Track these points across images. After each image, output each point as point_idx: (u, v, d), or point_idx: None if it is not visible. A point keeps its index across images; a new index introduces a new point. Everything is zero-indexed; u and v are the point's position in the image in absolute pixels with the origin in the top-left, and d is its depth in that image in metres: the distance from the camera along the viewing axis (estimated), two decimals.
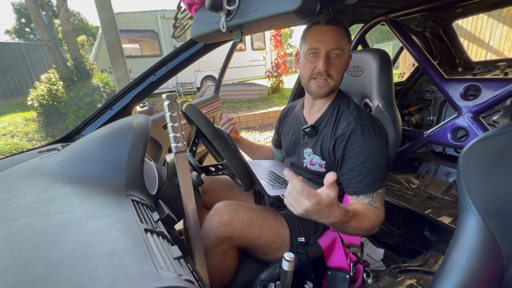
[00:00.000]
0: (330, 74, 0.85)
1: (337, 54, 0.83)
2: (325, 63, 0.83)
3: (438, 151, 1.87)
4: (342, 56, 0.84)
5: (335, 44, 0.82)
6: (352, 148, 0.82)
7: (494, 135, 0.44)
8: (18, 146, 4.60)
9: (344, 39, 0.84)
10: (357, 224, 0.69)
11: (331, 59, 0.84)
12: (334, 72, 0.85)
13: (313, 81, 0.88)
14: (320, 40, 0.83)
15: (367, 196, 0.80)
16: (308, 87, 0.91)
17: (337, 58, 0.84)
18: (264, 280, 0.81)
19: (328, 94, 0.89)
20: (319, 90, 0.88)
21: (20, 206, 0.49)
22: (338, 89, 0.95)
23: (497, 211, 0.42)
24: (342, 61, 0.85)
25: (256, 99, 6.65)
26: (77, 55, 6.27)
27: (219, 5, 0.68)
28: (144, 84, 1.22)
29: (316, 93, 0.89)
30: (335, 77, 0.86)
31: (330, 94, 0.90)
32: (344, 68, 0.88)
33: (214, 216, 0.82)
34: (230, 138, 1.02)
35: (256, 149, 1.33)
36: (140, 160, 0.66)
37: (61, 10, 6.06)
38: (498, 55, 4.74)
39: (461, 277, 0.43)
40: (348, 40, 0.86)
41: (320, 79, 0.86)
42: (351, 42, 0.88)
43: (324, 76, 0.85)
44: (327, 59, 0.83)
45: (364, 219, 0.71)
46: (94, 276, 0.33)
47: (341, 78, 0.89)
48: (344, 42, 0.84)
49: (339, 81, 0.88)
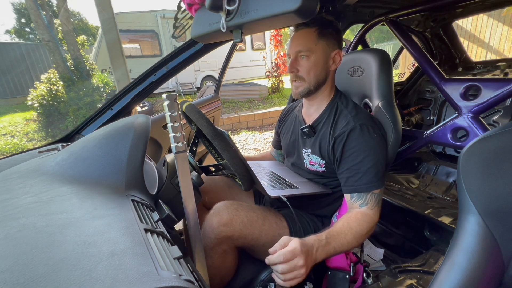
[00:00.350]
0: (300, 76, 0.88)
1: (304, 55, 0.86)
2: (291, 66, 0.88)
3: (438, 151, 1.87)
4: (310, 56, 0.86)
5: (299, 46, 0.86)
6: (351, 147, 0.82)
7: (494, 135, 0.44)
8: (18, 146, 4.60)
9: (311, 39, 0.85)
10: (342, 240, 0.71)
11: (300, 61, 0.87)
12: (303, 73, 0.88)
13: (292, 83, 0.93)
14: (290, 44, 0.89)
15: (361, 197, 0.80)
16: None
17: (304, 59, 0.86)
18: (264, 280, 0.81)
19: (305, 95, 0.91)
20: (295, 91, 0.92)
21: (20, 206, 0.49)
22: (336, 89, 0.95)
23: (497, 211, 0.42)
24: (311, 61, 0.86)
25: (256, 99, 6.65)
26: (77, 55, 6.27)
27: (219, 5, 0.68)
28: (144, 84, 1.22)
29: (294, 93, 0.93)
30: (306, 77, 0.88)
31: (309, 94, 0.91)
32: (318, 67, 0.87)
33: (214, 216, 0.82)
34: (230, 138, 1.02)
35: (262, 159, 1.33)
36: (140, 160, 0.66)
37: (61, 10, 6.07)
38: (498, 55, 4.74)
39: (461, 277, 0.43)
40: (319, 37, 0.85)
41: (295, 80, 0.90)
42: (330, 38, 0.87)
43: (295, 78, 0.90)
44: (294, 62, 0.88)
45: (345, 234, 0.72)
46: (94, 276, 0.33)
47: (317, 76, 0.88)
48: (312, 42, 0.85)
49: (314, 81, 0.88)
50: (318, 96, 0.94)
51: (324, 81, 0.91)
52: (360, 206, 0.80)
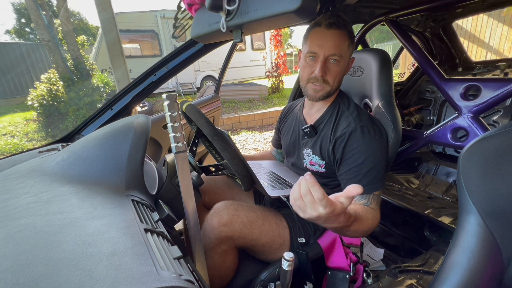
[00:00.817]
0: (326, 80, 0.85)
1: (336, 60, 0.82)
2: (322, 69, 0.83)
3: (438, 151, 1.87)
4: (340, 61, 0.83)
5: (333, 50, 0.81)
6: (352, 149, 0.82)
7: (494, 135, 0.44)
8: (18, 146, 4.60)
9: (344, 44, 0.82)
10: (357, 228, 0.68)
11: (329, 64, 0.83)
12: (330, 77, 0.85)
13: (310, 84, 0.88)
14: (319, 44, 0.82)
15: (364, 197, 0.80)
16: (305, 90, 0.91)
17: (335, 63, 0.83)
18: (264, 280, 0.81)
19: (323, 98, 0.89)
20: (314, 94, 0.88)
21: (20, 206, 0.49)
22: (339, 90, 0.95)
23: (497, 211, 0.42)
24: (341, 66, 0.84)
25: (256, 99, 6.65)
26: (77, 55, 6.27)
27: (219, 5, 0.68)
28: (144, 84, 1.22)
29: (311, 96, 0.89)
30: (331, 83, 0.86)
31: (326, 98, 0.90)
32: (343, 73, 0.87)
33: (214, 216, 0.82)
34: (230, 138, 1.02)
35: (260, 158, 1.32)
36: (140, 160, 0.66)
37: (61, 10, 6.07)
38: (498, 55, 4.74)
39: (461, 277, 0.43)
40: (350, 44, 0.84)
41: (316, 83, 0.86)
42: (353, 45, 0.87)
43: (320, 81, 0.85)
44: (324, 65, 0.83)
45: (363, 222, 0.71)
46: (94, 276, 0.33)
47: (339, 82, 0.88)
48: (344, 47, 0.82)
49: (336, 86, 0.88)
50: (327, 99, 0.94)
51: (340, 86, 0.91)
52: (365, 205, 0.80)
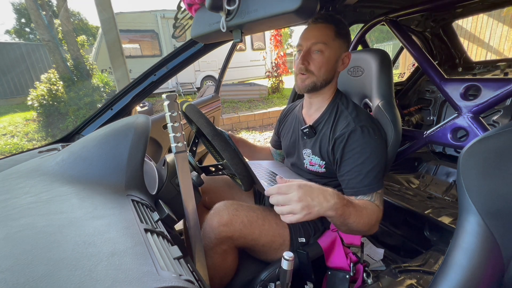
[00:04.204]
0: (310, 70, 0.86)
1: (319, 50, 0.84)
2: (303, 58, 0.85)
3: (438, 151, 1.87)
4: (325, 51, 0.84)
5: (315, 39, 0.83)
6: (352, 149, 0.82)
7: (494, 135, 0.44)
8: (18, 146, 4.60)
9: (328, 35, 0.83)
10: (356, 214, 0.67)
11: (313, 55, 0.85)
12: (314, 67, 0.85)
13: (298, 76, 0.90)
14: (304, 37, 0.86)
15: (367, 196, 0.80)
16: (295, 83, 0.93)
17: (318, 54, 0.84)
18: (264, 280, 0.81)
19: (311, 89, 0.89)
20: (301, 83, 0.89)
21: (20, 206, 0.49)
22: (336, 89, 0.95)
23: (497, 211, 0.42)
24: (326, 57, 0.84)
25: (256, 99, 6.65)
26: (77, 55, 6.27)
27: (219, 5, 0.68)
28: (144, 84, 1.22)
29: (298, 86, 0.90)
30: (316, 73, 0.86)
31: (314, 89, 0.89)
32: (330, 64, 0.86)
33: (214, 216, 0.82)
34: (230, 138, 1.02)
35: (257, 152, 1.33)
36: (140, 160, 0.66)
37: (61, 10, 6.07)
38: (498, 55, 4.74)
39: (461, 277, 0.43)
40: (337, 35, 0.84)
41: (302, 72, 0.87)
42: (345, 40, 0.87)
43: (303, 70, 0.86)
44: (307, 55, 0.85)
45: (362, 210, 0.70)
46: (94, 276, 0.33)
47: (326, 73, 0.87)
48: (329, 38, 0.83)
49: (323, 77, 0.87)
50: (320, 95, 0.93)
51: (330, 80, 0.90)
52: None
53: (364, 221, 0.70)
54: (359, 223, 0.69)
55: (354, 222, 0.68)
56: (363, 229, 0.72)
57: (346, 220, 0.67)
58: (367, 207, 0.74)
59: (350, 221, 0.67)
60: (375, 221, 0.75)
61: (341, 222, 0.68)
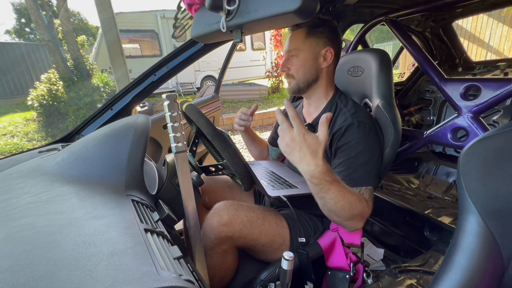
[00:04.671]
0: (290, 74, 0.93)
1: (293, 55, 0.91)
2: (282, 65, 0.94)
3: (438, 151, 1.87)
4: (299, 55, 0.90)
5: (290, 46, 0.92)
6: (347, 142, 0.83)
7: (494, 135, 0.44)
8: (18, 146, 4.60)
9: (299, 38, 0.90)
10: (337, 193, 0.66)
11: (290, 60, 0.92)
12: (293, 71, 0.92)
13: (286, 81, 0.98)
14: (284, 48, 0.96)
15: (356, 189, 0.78)
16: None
17: (294, 58, 0.91)
18: (264, 280, 0.81)
19: (296, 91, 0.94)
20: (288, 87, 0.97)
21: (20, 206, 0.49)
22: (335, 88, 0.96)
23: (497, 211, 0.42)
24: (300, 59, 0.91)
25: (256, 99, 6.65)
26: (77, 55, 6.27)
27: (219, 5, 0.68)
28: (144, 84, 1.22)
29: (287, 90, 0.98)
30: (296, 75, 0.92)
31: (299, 91, 0.95)
32: (307, 64, 0.91)
33: (214, 216, 0.82)
34: (230, 138, 1.02)
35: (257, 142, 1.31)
36: (140, 160, 0.66)
37: (61, 10, 6.07)
38: (498, 55, 4.75)
39: (461, 277, 0.43)
40: (307, 35, 0.89)
41: (287, 78, 0.96)
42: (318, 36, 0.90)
43: (285, 76, 0.95)
44: (286, 61, 0.93)
45: (345, 193, 0.68)
46: (94, 276, 0.33)
47: (306, 74, 0.92)
48: (300, 41, 0.90)
49: (304, 78, 0.92)
50: (312, 94, 0.95)
51: (315, 78, 0.93)
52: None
53: (344, 205, 0.68)
54: (338, 204, 0.68)
55: (332, 200, 0.67)
56: (343, 213, 0.70)
57: (323, 194, 0.66)
58: (354, 194, 0.72)
59: (327, 197, 0.67)
60: (359, 212, 0.72)
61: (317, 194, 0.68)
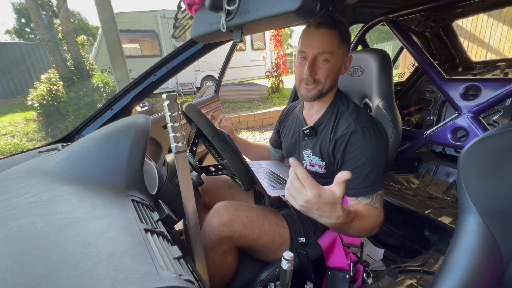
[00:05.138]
0: (317, 79, 0.85)
1: (325, 59, 0.82)
2: (310, 69, 0.83)
3: (438, 151, 1.87)
4: (330, 60, 0.82)
5: (322, 48, 0.81)
6: (353, 150, 0.82)
7: (494, 135, 0.44)
8: (18, 146, 4.60)
9: (333, 42, 0.81)
10: (358, 225, 0.67)
11: (319, 64, 0.83)
12: (321, 76, 0.84)
13: (302, 84, 0.88)
14: (308, 44, 0.82)
15: (367, 197, 0.80)
16: (299, 90, 0.91)
17: (325, 62, 0.82)
18: (264, 280, 0.81)
19: (316, 98, 0.88)
20: (306, 93, 0.88)
21: (20, 206, 0.49)
22: (337, 90, 0.95)
23: (497, 211, 0.42)
24: (332, 65, 0.83)
25: (256, 99, 6.65)
26: (77, 55, 6.27)
27: (219, 5, 0.68)
28: (144, 84, 1.22)
29: (304, 96, 0.89)
30: (323, 81, 0.85)
31: (319, 98, 0.88)
32: (335, 72, 0.86)
33: (214, 216, 0.82)
34: (230, 138, 1.02)
35: (252, 148, 1.33)
36: (140, 160, 0.66)
37: (61, 10, 6.07)
38: (498, 55, 4.74)
39: (461, 277, 0.43)
40: (341, 41, 0.83)
41: (308, 83, 0.85)
42: (347, 43, 0.86)
43: (311, 81, 0.85)
44: (313, 64, 0.83)
45: (365, 220, 0.70)
46: (94, 276, 0.33)
47: (332, 81, 0.86)
48: (334, 45, 0.81)
49: (328, 85, 0.86)
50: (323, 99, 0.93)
51: (334, 85, 0.90)
52: (368, 205, 0.79)
53: (366, 228, 0.70)
54: (361, 231, 0.69)
55: (355, 231, 0.68)
56: (365, 234, 0.72)
57: (345, 231, 0.67)
58: (371, 216, 0.73)
59: (350, 231, 0.67)
60: (377, 225, 0.75)
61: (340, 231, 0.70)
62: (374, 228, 0.74)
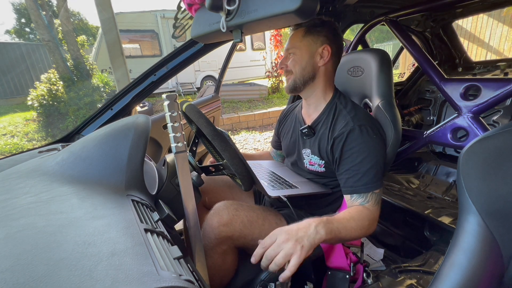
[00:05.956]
0: (288, 70, 0.94)
1: (291, 53, 0.92)
2: (280, 63, 0.96)
3: (438, 151, 1.87)
4: (296, 52, 0.91)
5: (288, 45, 0.94)
6: (350, 148, 0.82)
7: (494, 135, 0.44)
8: (18, 146, 4.60)
9: (298, 37, 0.91)
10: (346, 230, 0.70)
11: (288, 58, 0.93)
12: (290, 66, 0.93)
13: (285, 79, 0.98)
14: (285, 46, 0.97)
15: (361, 196, 0.80)
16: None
17: (292, 55, 0.92)
18: (264, 280, 0.81)
19: (293, 88, 0.94)
20: (286, 85, 0.97)
21: (20, 206, 0.49)
22: (335, 89, 0.95)
23: (497, 211, 0.42)
24: (297, 56, 0.91)
25: (256, 99, 6.65)
26: (77, 55, 6.27)
27: (219, 5, 0.68)
28: (144, 84, 1.22)
29: (285, 88, 0.98)
30: (293, 70, 0.92)
31: (296, 89, 0.94)
32: (304, 60, 0.90)
33: (214, 216, 0.82)
34: (230, 138, 1.02)
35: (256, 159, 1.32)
36: (140, 160, 0.66)
37: (61, 10, 6.07)
38: (498, 55, 4.75)
39: (461, 277, 0.43)
40: (305, 34, 0.90)
41: (286, 76, 0.96)
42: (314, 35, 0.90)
43: (285, 74, 0.96)
44: (284, 59, 0.95)
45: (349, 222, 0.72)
46: (94, 276, 0.33)
47: (303, 70, 0.91)
48: (298, 39, 0.91)
49: (299, 74, 0.92)
50: (310, 94, 0.94)
51: (311, 76, 0.92)
52: (361, 204, 0.80)
53: (356, 229, 0.73)
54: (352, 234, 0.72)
55: (347, 235, 0.71)
56: (358, 235, 0.74)
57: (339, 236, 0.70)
58: (354, 216, 0.75)
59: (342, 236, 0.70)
60: (368, 223, 0.76)
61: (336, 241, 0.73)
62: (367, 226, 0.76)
